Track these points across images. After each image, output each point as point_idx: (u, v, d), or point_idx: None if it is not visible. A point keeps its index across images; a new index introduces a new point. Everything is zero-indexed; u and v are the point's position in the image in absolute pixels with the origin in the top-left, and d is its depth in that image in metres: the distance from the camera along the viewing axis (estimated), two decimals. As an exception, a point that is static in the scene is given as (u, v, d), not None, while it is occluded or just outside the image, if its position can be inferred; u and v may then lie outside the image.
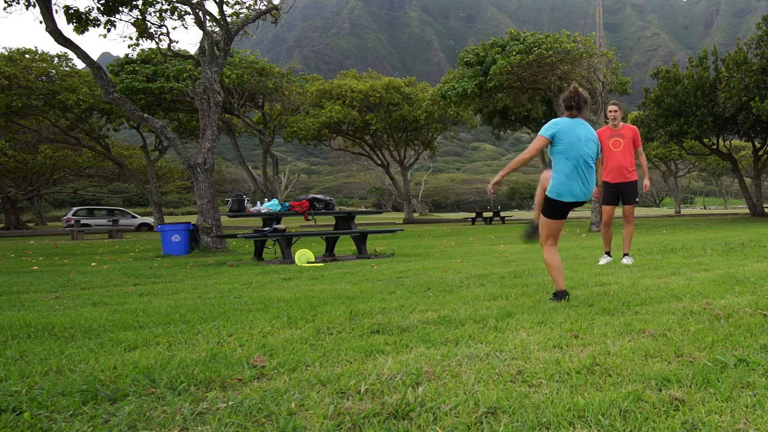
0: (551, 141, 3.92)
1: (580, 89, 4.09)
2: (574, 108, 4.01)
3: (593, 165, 4.03)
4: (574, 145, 3.90)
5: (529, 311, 3.55)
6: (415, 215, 47.92)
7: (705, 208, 75.95)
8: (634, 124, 33.07)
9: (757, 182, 31.57)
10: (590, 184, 4.02)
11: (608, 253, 6.94)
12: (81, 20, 11.76)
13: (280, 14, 13.23)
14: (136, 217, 33.68)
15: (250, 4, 13.54)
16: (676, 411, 1.82)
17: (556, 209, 3.97)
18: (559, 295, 3.93)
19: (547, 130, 3.93)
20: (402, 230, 13.33)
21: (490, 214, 31.11)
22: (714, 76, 25.74)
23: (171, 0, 12.57)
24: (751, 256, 7.01)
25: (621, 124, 6.70)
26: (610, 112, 6.59)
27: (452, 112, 32.53)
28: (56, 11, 10.98)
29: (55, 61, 26.58)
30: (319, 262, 8.16)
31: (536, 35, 22.20)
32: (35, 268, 8.56)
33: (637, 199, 6.81)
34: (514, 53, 21.28)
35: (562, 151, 3.90)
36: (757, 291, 4.11)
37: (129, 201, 68.92)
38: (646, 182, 6.98)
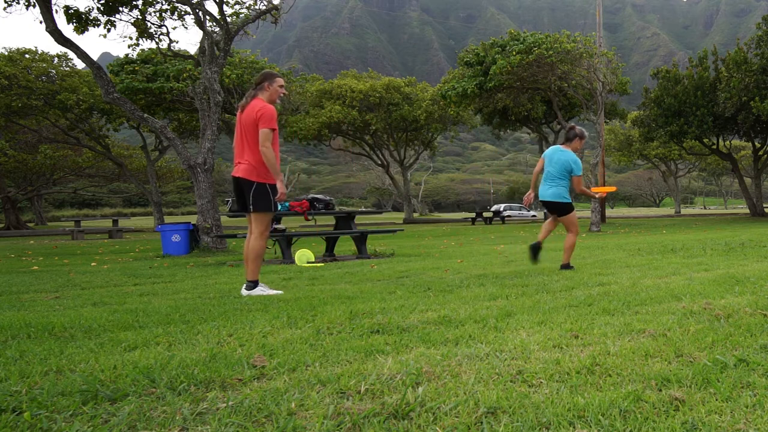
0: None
1: (576, 127, 6.25)
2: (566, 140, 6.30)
3: (559, 178, 6.05)
4: (547, 165, 6.16)
5: (529, 311, 3.54)
6: (415, 215, 47.92)
7: (705, 208, 75.94)
8: (634, 124, 33.21)
9: (757, 182, 31.58)
10: (549, 189, 6.06)
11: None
12: (81, 20, 11.75)
13: (280, 14, 13.22)
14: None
15: (250, 4, 13.53)
16: (676, 411, 1.82)
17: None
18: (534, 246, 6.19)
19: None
20: (402, 230, 13.34)
21: (490, 214, 31.13)
22: (714, 76, 25.75)
23: (171, 0, 12.57)
24: (751, 256, 7.01)
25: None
26: (283, 87, 4.95)
27: (452, 112, 32.52)
28: (56, 11, 10.98)
29: (55, 61, 26.59)
30: (319, 262, 8.16)
31: (536, 35, 22.20)
32: (35, 268, 8.56)
33: (251, 206, 4.78)
34: (514, 53, 21.28)
35: (544, 168, 6.23)
36: (757, 291, 4.11)
37: (129, 201, 68.93)
38: (280, 188, 4.85)
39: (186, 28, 14.15)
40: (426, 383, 2.10)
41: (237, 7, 13.64)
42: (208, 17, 12.33)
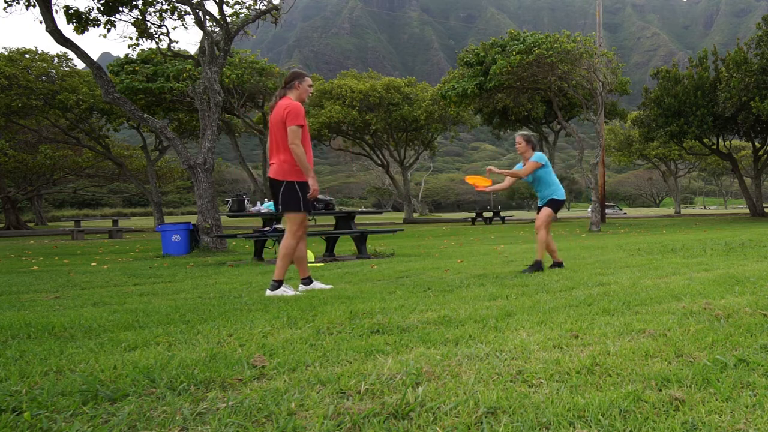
0: (543, 165, 6.05)
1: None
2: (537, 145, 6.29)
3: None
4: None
5: (529, 311, 3.54)
6: (415, 215, 47.91)
7: (705, 208, 75.92)
8: (634, 124, 33.24)
9: (757, 182, 31.56)
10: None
11: (305, 281, 5.07)
12: (81, 20, 11.75)
13: (280, 14, 13.22)
14: None
15: (250, 4, 13.54)
16: (676, 411, 1.82)
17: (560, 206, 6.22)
18: (536, 266, 5.95)
19: (541, 159, 6.04)
20: (402, 230, 13.33)
21: (490, 214, 31.13)
22: (714, 76, 25.73)
23: (171, 0, 12.57)
24: (751, 256, 7.01)
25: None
26: (311, 86, 4.97)
27: (452, 112, 32.49)
28: (56, 11, 10.99)
29: (55, 61, 26.57)
30: (319, 262, 8.15)
31: (536, 35, 22.19)
32: (35, 268, 8.56)
33: (279, 206, 4.80)
34: (514, 53, 21.26)
35: (551, 171, 6.14)
36: (757, 291, 4.11)
37: (129, 201, 68.94)
38: (312, 185, 4.77)
39: (186, 28, 14.16)
40: (426, 383, 2.10)
41: (237, 7, 13.65)
42: (208, 17, 12.33)
